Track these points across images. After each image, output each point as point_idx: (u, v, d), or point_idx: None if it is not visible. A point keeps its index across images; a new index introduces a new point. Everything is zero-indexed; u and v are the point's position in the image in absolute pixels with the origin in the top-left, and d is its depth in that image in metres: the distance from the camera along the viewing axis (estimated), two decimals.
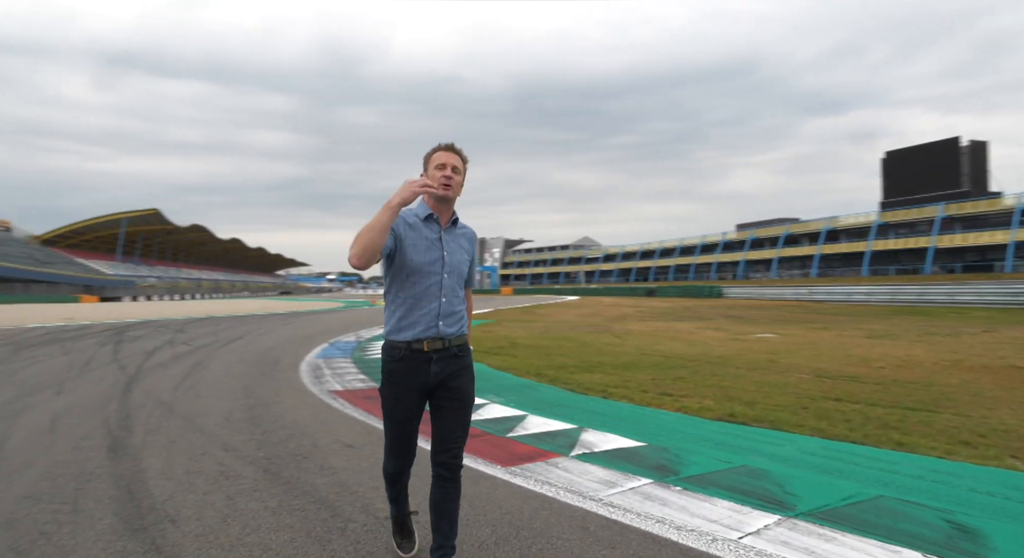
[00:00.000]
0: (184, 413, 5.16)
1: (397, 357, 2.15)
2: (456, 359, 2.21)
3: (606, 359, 9.24)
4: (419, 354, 2.13)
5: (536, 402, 5.83)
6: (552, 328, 16.20)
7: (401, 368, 2.15)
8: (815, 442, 4.19)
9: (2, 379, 7.22)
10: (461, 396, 2.21)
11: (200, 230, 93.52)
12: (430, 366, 2.14)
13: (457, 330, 2.22)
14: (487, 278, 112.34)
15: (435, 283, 2.16)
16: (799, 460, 3.75)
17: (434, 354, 2.15)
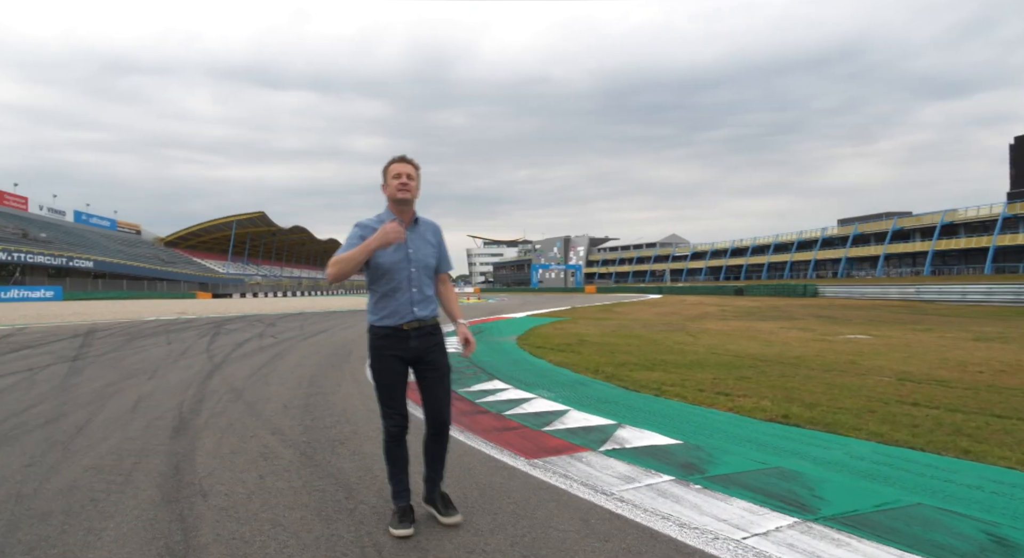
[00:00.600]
0: (249, 399, 5.55)
1: (382, 335, 2.59)
2: (430, 336, 2.66)
3: (671, 357, 8.99)
4: (400, 332, 2.57)
5: (584, 398, 5.78)
6: (626, 326, 15.93)
7: (386, 344, 2.60)
8: (868, 447, 3.89)
9: (111, 364, 8.07)
10: (438, 368, 2.69)
11: (301, 231, 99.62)
12: (409, 342, 2.59)
13: (430, 313, 2.66)
14: (571, 276, 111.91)
15: (405, 277, 2.58)
16: (843, 464, 3.50)
17: (412, 332, 2.59)
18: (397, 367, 2.62)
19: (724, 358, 8.95)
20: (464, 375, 7.31)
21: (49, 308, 30.06)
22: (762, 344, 11.18)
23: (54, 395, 5.71)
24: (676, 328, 15.30)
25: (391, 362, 2.60)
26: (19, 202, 65.77)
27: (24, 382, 6.56)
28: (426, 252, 2.64)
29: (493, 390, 6.20)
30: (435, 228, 2.74)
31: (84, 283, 56.80)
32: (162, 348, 10.28)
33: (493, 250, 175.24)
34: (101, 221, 79.30)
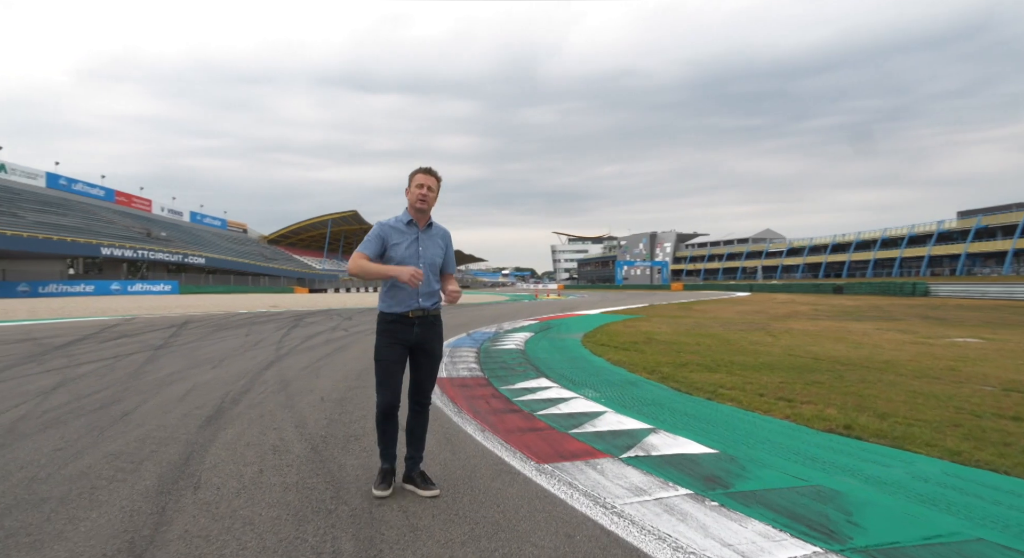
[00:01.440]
0: (292, 390, 5.66)
1: (389, 321, 2.95)
2: (432, 326, 3.00)
3: (740, 358, 8.39)
4: (406, 319, 2.93)
5: (628, 399, 5.45)
6: (702, 325, 15.16)
7: (392, 328, 2.94)
8: (938, 466, 3.35)
9: (186, 354, 8.58)
10: (433, 356, 3.03)
11: None
12: (413, 328, 2.94)
13: (433, 304, 3.01)
14: (657, 273, 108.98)
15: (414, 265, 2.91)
16: (901, 485, 3.02)
17: (416, 320, 2.94)
18: (398, 350, 2.93)
19: (800, 360, 8.24)
20: (513, 372, 7.15)
21: (163, 301, 32.90)
22: (849, 346, 10.23)
23: (121, 382, 6.10)
24: (756, 327, 14.37)
25: (394, 346, 2.93)
26: (144, 204, 72.56)
27: (104, 368, 7.07)
28: (434, 252, 2.99)
29: (535, 388, 6.00)
30: (445, 233, 3.10)
31: (197, 278, 61.76)
32: (239, 339, 10.85)
33: (577, 247, 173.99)
34: (213, 221, 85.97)
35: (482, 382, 6.39)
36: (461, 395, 5.59)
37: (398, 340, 2.92)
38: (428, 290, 2.97)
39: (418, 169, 2.96)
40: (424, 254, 2.95)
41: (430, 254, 2.97)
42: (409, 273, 2.76)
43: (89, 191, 64.18)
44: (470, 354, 8.91)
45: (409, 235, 2.95)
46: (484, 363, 7.94)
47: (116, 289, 50.10)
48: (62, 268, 50.62)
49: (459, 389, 5.93)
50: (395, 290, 2.93)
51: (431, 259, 2.97)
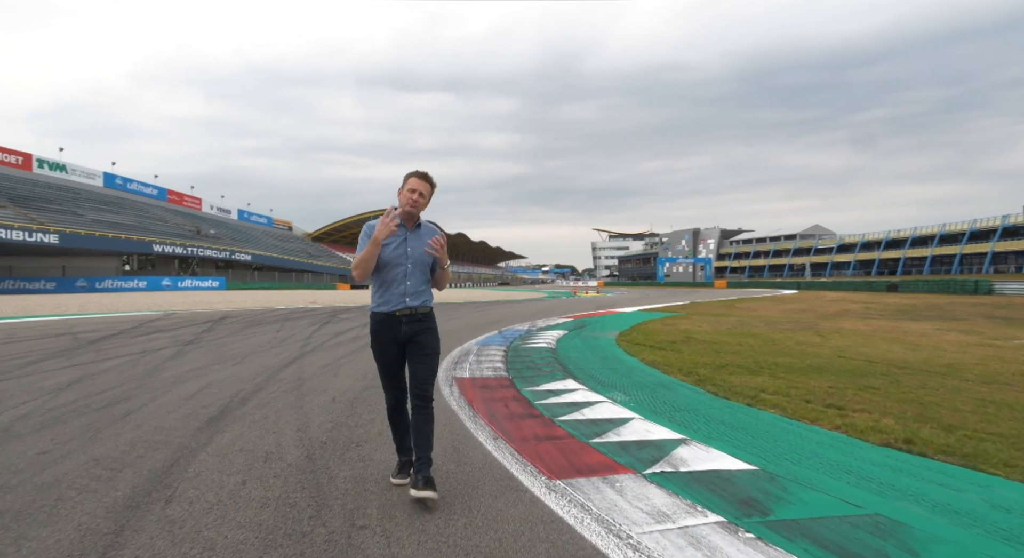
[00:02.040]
0: (306, 390, 5.45)
1: (378, 320, 2.96)
2: (420, 322, 2.97)
3: (785, 360, 7.82)
4: (393, 318, 2.93)
5: (659, 404, 5.03)
6: (744, 323, 14.47)
7: (381, 328, 2.95)
8: (1022, 492, 2.85)
9: (213, 349, 8.54)
10: (425, 349, 2.97)
11: None
12: (401, 327, 2.93)
13: (421, 303, 2.98)
14: (700, 270, 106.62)
15: (401, 271, 2.93)
16: (977, 516, 2.55)
17: (404, 318, 2.93)
18: (392, 349, 2.96)
19: (852, 363, 7.62)
20: (539, 372, 6.79)
21: (209, 296, 33.75)
22: (906, 348, 9.50)
23: (138, 378, 6.01)
24: (804, 327, 13.62)
25: (386, 344, 2.95)
26: (194, 203, 74.96)
27: (128, 364, 7.04)
28: (423, 252, 2.96)
29: (560, 390, 5.63)
30: (434, 233, 3.04)
31: (244, 274, 63.42)
32: (270, 335, 10.81)
33: (618, 243, 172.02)
34: (260, 219, 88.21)
35: (505, 383, 6.06)
36: (480, 397, 5.27)
37: (389, 339, 2.95)
38: (415, 290, 2.96)
39: (413, 172, 2.95)
40: (412, 254, 2.96)
41: (418, 254, 2.97)
42: (383, 224, 2.79)
43: (143, 190, 66.65)
44: (498, 353, 8.59)
45: (397, 235, 2.95)
46: (511, 362, 7.61)
47: (167, 285, 51.84)
48: (117, 264, 52.66)
49: (479, 390, 5.62)
50: (382, 289, 2.96)
51: (419, 259, 2.97)
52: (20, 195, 47.21)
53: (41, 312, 17.75)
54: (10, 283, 43.59)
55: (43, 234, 40.46)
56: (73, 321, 14.03)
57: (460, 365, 7.28)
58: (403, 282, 2.92)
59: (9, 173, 51.49)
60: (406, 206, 2.91)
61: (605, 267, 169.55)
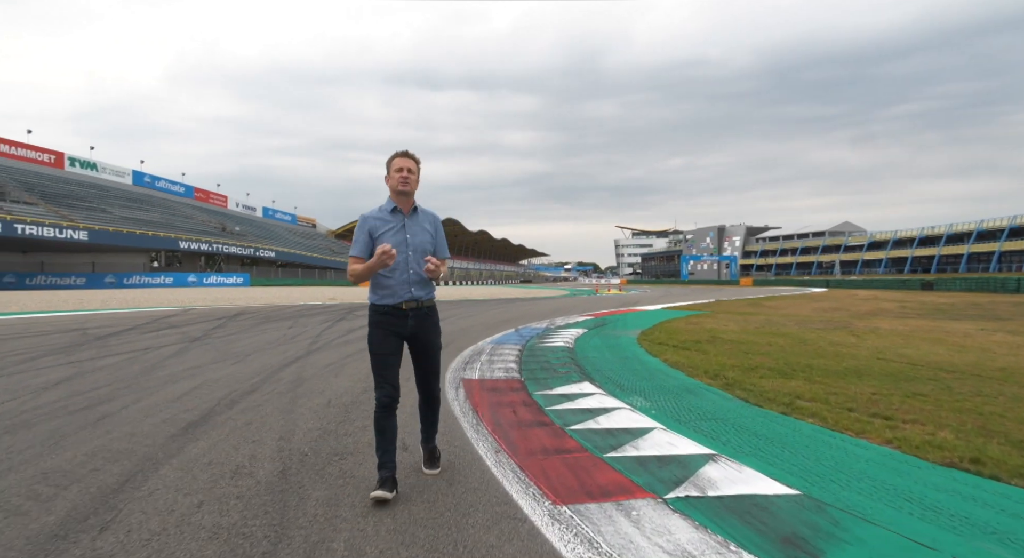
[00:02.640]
0: (302, 392, 5.10)
1: (381, 313, 2.80)
2: (427, 317, 2.86)
3: (820, 362, 7.27)
4: (399, 311, 2.78)
5: (684, 411, 4.56)
6: (773, 322, 13.83)
7: (385, 320, 2.80)
8: None
9: (218, 347, 8.27)
10: (431, 348, 2.90)
11: (453, 223, 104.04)
12: (407, 320, 2.80)
13: (426, 294, 2.86)
14: (725, 268, 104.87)
15: (402, 259, 2.77)
16: None
17: (411, 311, 2.80)
18: (393, 342, 2.81)
19: (893, 366, 7.04)
20: (554, 373, 6.36)
21: (232, 292, 33.96)
22: (951, 349, 8.84)
23: (130, 378, 5.73)
24: (837, 326, 12.94)
25: (388, 338, 2.80)
26: (220, 200, 75.94)
27: (126, 361, 6.78)
28: (423, 239, 2.85)
29: (575, 394, 5.19)
30: (433, 218, 2.95)
31: (268, 271, 64.00)
32: (280, 332, 10.55)
33: (642, 241, 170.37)
34: (284, 216, 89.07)
35: (516, 385, 5.64)
36: (486, 401, 4.86)
37: (392, 332, 2.80)
38: (420, 279, 2.83)
39: (395, 154, 2.86)
40: (412, 241, 2.82)
41: (418, 240, 2.84)
42: (378, 256, 2.63)
43: (170, 188, 67.69)
44: (512, 352, 8.18)
45: (394, 222, 2.83)
46: (525, 363, 7.19)
47: (192, 281, 52.48)
48: (145, 261, 53.46)
49: (487, 394, 5.21)
50: (385, 280, 2.80)
51: (419, 245, 2.84)
52: (52, 193, 48.17)
53: (65, 307, 17.84)
54: (42, 279, 44.53)
55: (73, 231, 41.14)
56: (90, 317, 13.99)
57: (471, 365, 6.89)
58: (406, 270, 2.79)
59: (42, 171, 52.63)
60: (398, 186, 2.80)
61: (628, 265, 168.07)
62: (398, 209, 2.85)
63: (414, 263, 2.80)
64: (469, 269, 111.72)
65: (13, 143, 51.36)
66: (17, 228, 37.35)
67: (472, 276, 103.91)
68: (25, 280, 43.39)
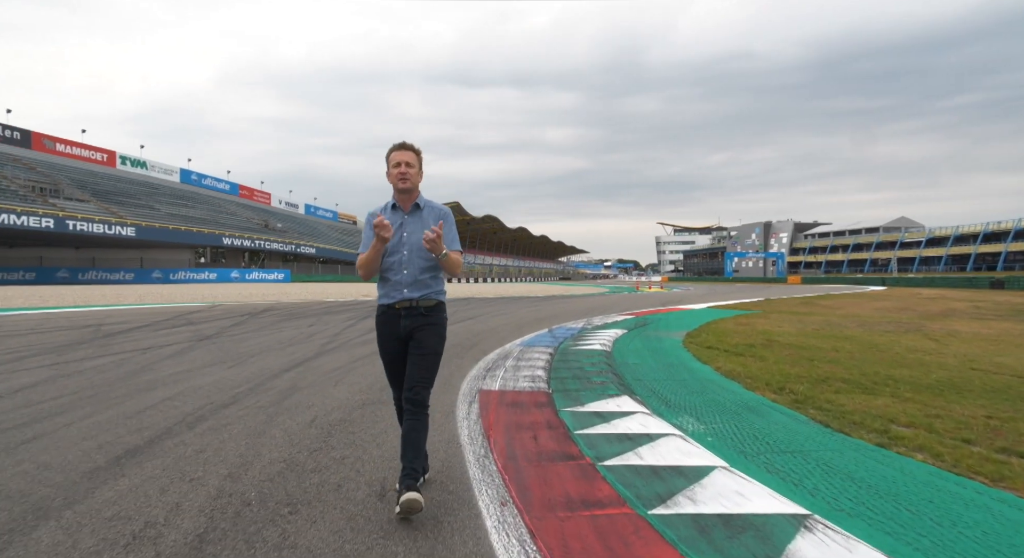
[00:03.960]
0: (288, 405, 4.35)
1: (380, 313, 2.72)
2: (422, 317, 2.67)
3: (903, 373, 6.17)
4: (393, 310, 2.68)
5: (749, 439, 3.62)
6: (833, 324, 12.56)
7: (382, 321, 2.72)
8: None
9: (225, 346, 7.66)
10: (422, 347, 2.66)
11: (492, 220, 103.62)
12: (400, 321, 2.67)
13: (423, 295, 2.67)
14: (771, 265, 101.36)
15: (397, 260, 2.66)
16: None
17: (403, 311, 2.66)
18: (393, 344, 2.70)
19: (996, 378, 5.90)
20: (588, 384, 5.47)
21: (271, 288, 34.07)
22: None
23: (108, 383, 5.10)
24: (908, 328, 11.61)
25: (387, 339, 2.70)
26: (264, 197, 77.27)
27: (116, 363, 6.21)
28: (421, 237, 2.60)
29: (611, 413, 4.29)
30: (439, 213, 2.71)
31: (309, 267, 64.77)
32: (298, 330, 9.94)
33: (684, 237, 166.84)
34: (325, 213, 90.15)
35: (542, 399, 4.77)
36: (503, 421, 4.01)
37: (389, 333, 2.70)
38: (413, 279, 2.66)
39: (392, 147, 2.68)
40: (408, 239, 2.66)
41: (416, 238, 2.66)
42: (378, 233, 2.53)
43: (216, 185, 69.14)
44: (542, 356, 7.31)
45: (393, 220, 2.67)
46: (555, 369, 6.31)
47: (235, 277, 53.35)
48: (190, 256, 54.64)
49: (506, 409, 4.36)
50: (384, 280, 2.71)
51: (416, 244, 2.65)
52: (103, 190, 49.60)
53: (103, 302, 17.85)
54: (93, 274, 45.90)
55: (121, 227, 42.14)
56: (115, 313, 13.75)
57: (493, 372, 6.05)
58: (399, 271, 2.65)
59: (95, 169, 54.30)
60: (396, 183, 2.64)
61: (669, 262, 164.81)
62: (398, 207, 2.70)
63: (408, 263, 2.64)
64: (508, 266, 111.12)
65: (68, 142, 53.11)
66: (69, 224, 38.43)
67: (511, 273, 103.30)
68: (78, 275, 44.80)
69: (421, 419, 2.57)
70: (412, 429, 2.54)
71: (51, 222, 37.02)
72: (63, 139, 52.57)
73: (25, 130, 49.38)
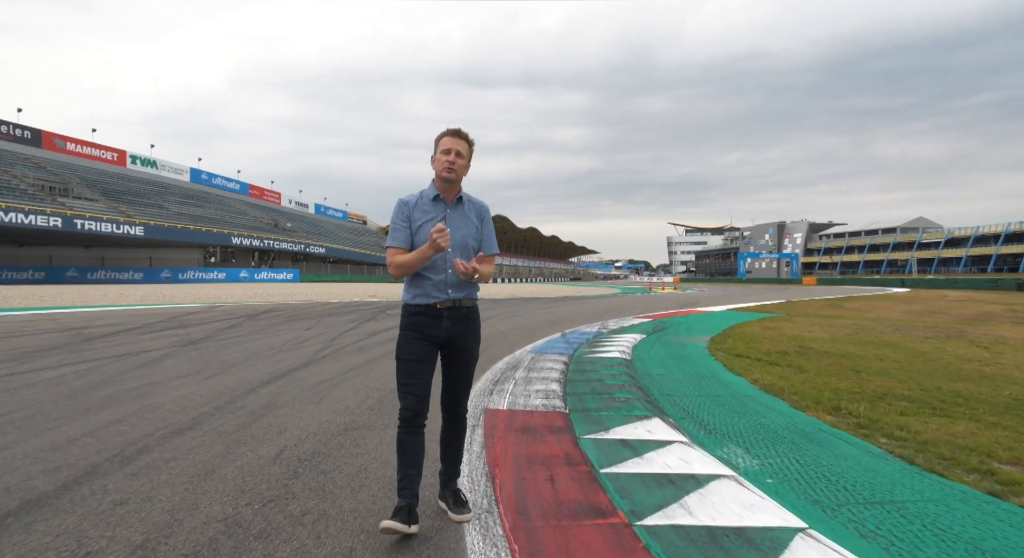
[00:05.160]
0: (255, 431, 3.65)
1: (414, 313, 2.40)
2: (465, 320, 2.45)
3: (970, 388, 5.39)
4: (433, 310, 2.39)
5: (820, 483, 2.88)
6: (866, 328, 11.72)
7: (418, 321, 2.40)
8: None
9: (209, 353, 7.00)
10: (466, 355, 2.48)
11: (502, 220, 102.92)
12: (442, 321, 2.40)
13: (466, 294, 2.45)
14: (785, 266, 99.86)
15: (440, 256, 2.36)
16: None
17: (446, 312, 2.40)
18: (425, 347, 2.40)
19: None
20: (610, 401, 4.74)
21: (279, 288, 33.54)
22: None
23: (54, 400, 4.43)
24: (949, 334, 10.75)
25: (418, 342, 2.40)
26: (274, 197, 77.05)
27: (79, 373, 5.56)
28: (465, 232, 2.45)
29: (644, 442, 3.56)
30: (480, 208, 2.54)
31: (318, 267, 64.42)
32: (295, 333, 9.28)
33: (695, 238, 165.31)
34: (335, 213, 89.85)
35: (558, 422, 4.04)
36: (511, 453, 3.29)
37: (424, 335, 2.39)
38: (459, 280, 2.39)
39: (445, 131, 2.42)
40: (453, 235, 2.38)
41: (460, 235, 2.42)
42: (435, 242, 2.21)
43: (226, 185, 68.96)
44: (557, 365, 6.58)
45: (435, 213, 2.41)
46: (571, 382, 5.59)
47: (244, 276, 53.03)
48: (199, 256, 54.37)
49: (515, 437, 3.63)
50: (419, 278, 2.40)
51: (462, 241, 2.42)
52: (112, 189, 49.43)
53: (103, 302, 17.36)
54: (102, 273, 45.71)
55: (129, 226, 41.86)
56: (106, 314, 13.18)
57: (501, 386, 5.34)
58: (444, 270, 2.39)
59: (105, 169, 54.20)
60: (443, 172, 2.40)
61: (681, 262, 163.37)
62: (441, 197, 2.45)
63: (451, 262, 2.40)
64: (518, 266, 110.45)
65: (79, 141, 53.03)
66: (77, 223, 38.17)
67: (521, 273, 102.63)
68: (87, 274, 44.62)
69: (462, 424, 2.56)
70: (455, 435, 2.54)
71: (59, 221, 36.76)
72: (73, 138, 52.51)
73: (36, 129, 49.33)
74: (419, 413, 2.34)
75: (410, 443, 2.32)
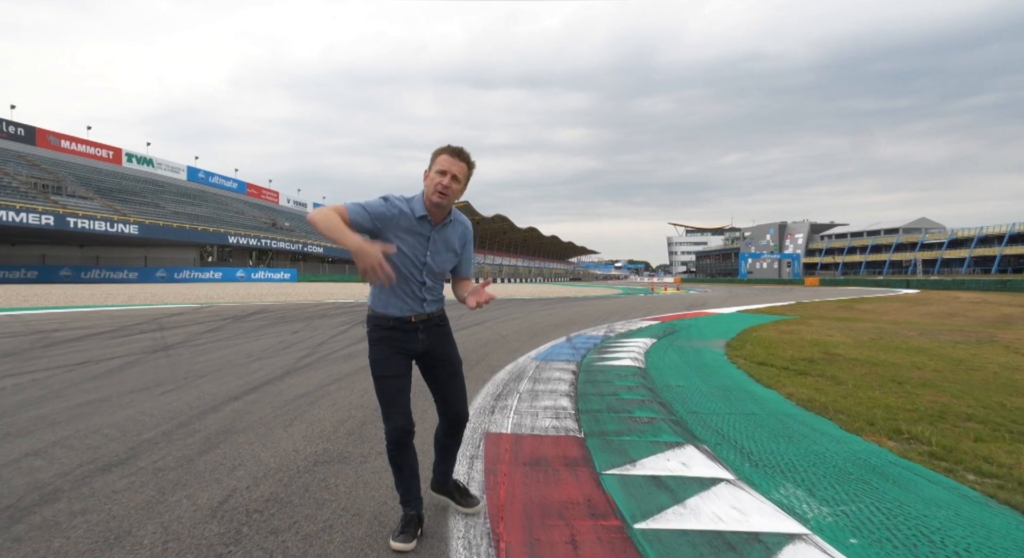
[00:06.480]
0: (203, 466, 2.98)
1: (386, 326, 2.27)
2: (438, 328, 2.37)
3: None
4: (407, 324, 2.27)
5: (925, 545, 2.20)
6: (889, 332, 11.05)
7: (391, 335, 2.27)
8: None
9: (180, 360, 6.32)
10: (450, 364, 2.39)
11: (502, 220, 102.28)
12: (417, 334, 2.30)
13: (438, 307, 2.37)
14: (787, 267, 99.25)
15: (415, 275, 2.24)
16: None
17: (420, 324, 2.30)
18: (401, 361, 2.28)
19: None
20: (631, 421, 4.07)
21: (275, 288, 32.83)
22: None
23: None
24: (980, 339, 10.08)
25: (395, 357, 2.27)
26: (272, 196, 76.38)
27: (23, 387, 4.89)
28: (445, 258, 2.30)
29: (681, 480, 2.89)
30: (464, 231, 2.37)
31: (316, 267, 63.76)
32: (278, 338, 8.61)
33: (696, 238, 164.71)
34: None
35: (573, 450, 3.37)
36: (520, 499, 2.61)
37: (399, 349, 2.26)
38: (433, 297, 2.32)
39: (446, 148, 2.17)
40: (431, 260, 2.25)
41: (439, 260, 2.28)
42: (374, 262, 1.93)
43: (223, 184, 68.27)
44: (565, 376, 5.90)
45: (420, 233, 2.20)
46: (583, 397, 4.92)
47: (241, 276, 52.36)
48: (196, 255, 53.69)
49: (523, 472, 2.96)
50: (391, 292, 2.23)
51: (439, 266, 2.28)
52: (107, 188, 48.73)
53: (90, 302, 16.70)
54: (96, 273, 44.99)
55: (124, 225, 41.13)
56: (86, 315, 12.49)
57: (504, 401, 4.67)
58: (418, 286, 2.24)
59: (100, 167, 53.51)
60: (432, 195, 2.15)
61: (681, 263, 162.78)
62: (428, 218, 2.20)
63: (426, 279, 2.25)
64: (518, 267, 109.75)
65: (73, 139, 52.34)
66: (70, 221, 37.45)
67: (520, 274, 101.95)
68: (81, 274, 43.89)
69: (463, 426, 2.45)
70: (454, 441, 2.46)
71: (51, 219, 36.05)
72: (68, 136, 51.81)
73: (30, 126, 48.65)
74: (408, 432, 2.23)
75: (404, 459, 2.26)
